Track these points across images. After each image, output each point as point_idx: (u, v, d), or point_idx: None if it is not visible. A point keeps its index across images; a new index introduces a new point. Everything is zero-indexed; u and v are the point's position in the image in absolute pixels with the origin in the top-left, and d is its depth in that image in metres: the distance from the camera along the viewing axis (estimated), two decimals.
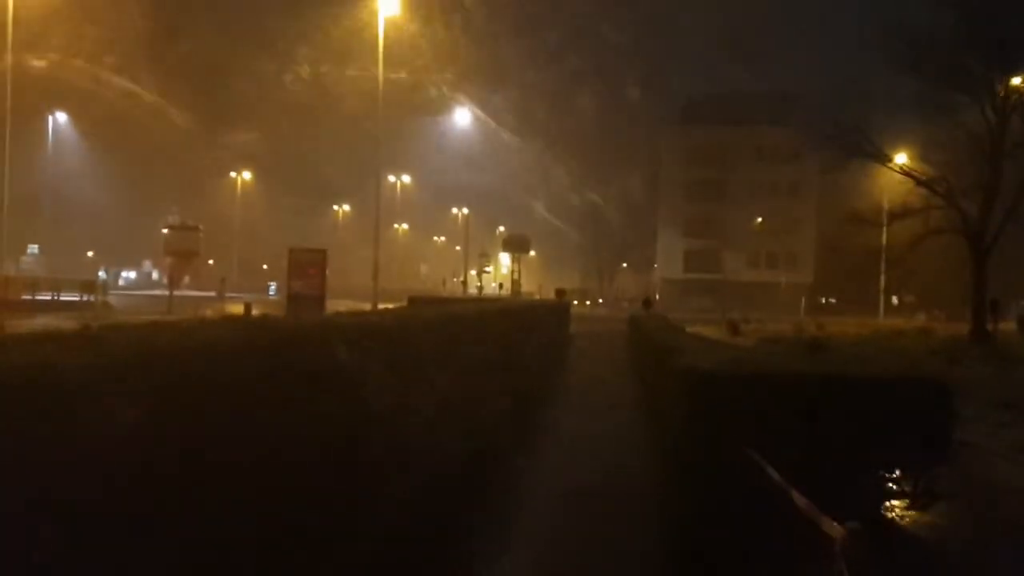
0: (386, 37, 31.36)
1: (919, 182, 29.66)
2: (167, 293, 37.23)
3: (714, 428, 4.78)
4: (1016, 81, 27.75)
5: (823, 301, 72.45)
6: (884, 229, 34.08)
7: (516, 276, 59.85)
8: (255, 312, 29.52)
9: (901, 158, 32.10)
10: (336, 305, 32.03)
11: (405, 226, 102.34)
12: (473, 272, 72.72)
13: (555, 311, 23.36)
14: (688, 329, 16.34)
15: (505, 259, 77.58)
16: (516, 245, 57.75)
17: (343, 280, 66.75)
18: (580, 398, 12.52)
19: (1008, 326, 33.97)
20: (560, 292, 36.82)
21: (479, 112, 67.47)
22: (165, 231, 42.30)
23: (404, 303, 22.57)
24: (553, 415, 10.60)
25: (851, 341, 27.06)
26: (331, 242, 78.39)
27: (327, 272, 32.61)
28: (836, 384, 4.87)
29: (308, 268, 31.08)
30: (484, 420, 7.90)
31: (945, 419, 4.83)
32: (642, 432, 8.75)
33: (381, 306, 26.70)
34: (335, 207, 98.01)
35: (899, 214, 29.84)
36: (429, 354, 5.76)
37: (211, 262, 79.95)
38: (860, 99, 29.95)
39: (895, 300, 67.61)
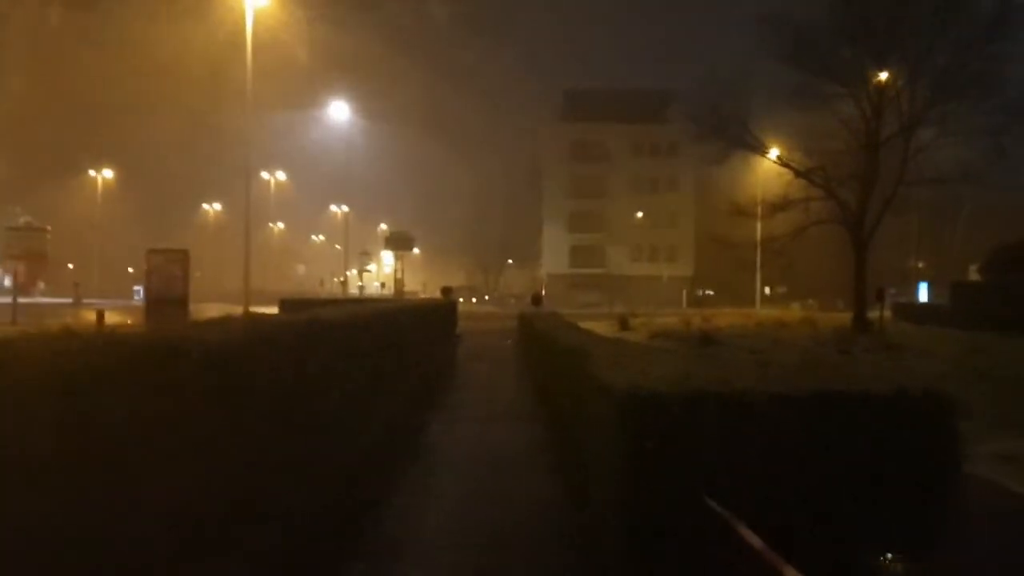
0: (257, 28, 29.40)
1: (798, 173, 29.91)
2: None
3: (664, 469, 3.53)
4: (884, 76, 28.29)
5: (701, 293, 73.88)
6: (759, 221, 34.51)
7: (399, 275, 57.85)
8: (111, 320, 26.80)
9: (775, 152, 32.34)
10: (208, 309, 29.62)
11: (281, 225, 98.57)
12: (355, 272, 70.27)
13: (441, 310, 21.94)
14: (580, 325, 15.35)
15: (389, 257, 75.45)
16: (399, 243, 55.65)
17: (217, 282, 63.10)
18: (473, 409, 11.17)
19: (885, 314, 34.88)
20: (446, 290, 35.33)
21: (358, 107, 65.07)
22: (8, 231, 38.09)
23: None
24: (441, 433, 9.20)
25: (738, 333, 26.90)
26: (203, 243, 74.24)
27: (197, 274, 30.01)
28: (822, 405, 3.69)
29: (169, 270, 28.33)
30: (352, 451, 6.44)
31: (950, 444, 3.76)
32: (552, 456, 7.48)
33: (254, 309, 24.66)
34: (206, 206, 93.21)
35: (781, 205, 29.97)
36: (271, 391, 4.24)
37: (71, 266, 74.14)
38: (743, 93, 29.97)
39: (767, 291, 69.60)
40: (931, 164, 27.59)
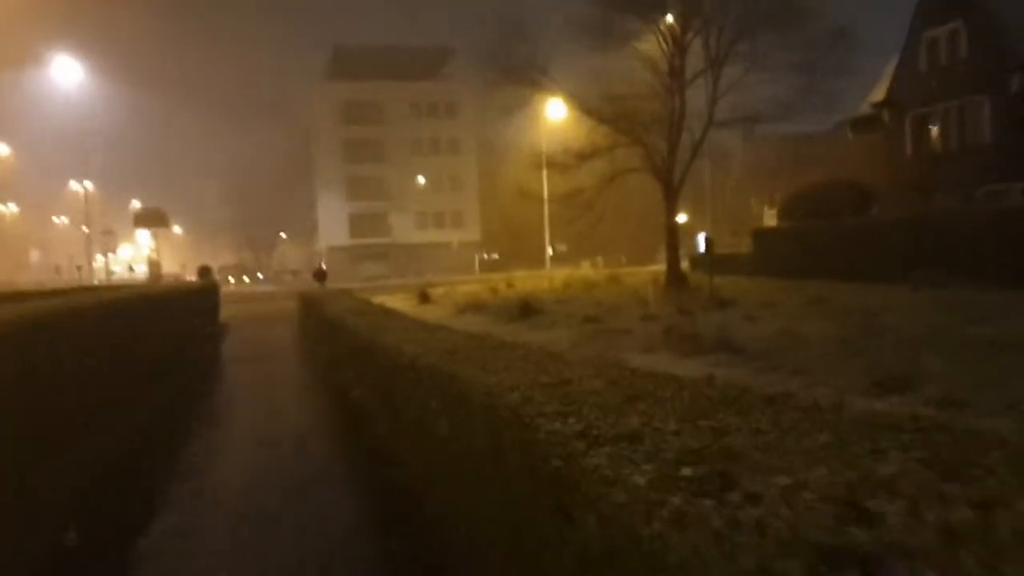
0: None
1: (601, 119, 27.31)
2: None
3: None
4: (671, 19, 26.24)
5: (486, 257, 71.67)
6: (544, 176, 32.15)
7: (155, 256, 50.31)
8: None
9: (572, 98, 29.65)
10: None
11: (12, 207, 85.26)
12: (103, 256, 60.94)
13: (197, 296, 17.08)
14: (374, 301, 11.58)
15: (148, 239, 66.74)
16: (151, 220, 48.18)
17: None
18: (243, 467, 6.90)
19: (684, 265, 33.76)
20: (204, 270, 29.65)
21: (98, 67, 55.60)
22: None
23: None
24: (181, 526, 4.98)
25: (555, 298, 24.01)
26: None
27: None
28: None
29: None
30: None
31: None
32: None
33: None
34: None
35: (587, 154, 27.26)
36: None
37: None
38: (537, 31, 26.99)
39: (550, 251, 68.60)
40: (743, 103, 25.98)
